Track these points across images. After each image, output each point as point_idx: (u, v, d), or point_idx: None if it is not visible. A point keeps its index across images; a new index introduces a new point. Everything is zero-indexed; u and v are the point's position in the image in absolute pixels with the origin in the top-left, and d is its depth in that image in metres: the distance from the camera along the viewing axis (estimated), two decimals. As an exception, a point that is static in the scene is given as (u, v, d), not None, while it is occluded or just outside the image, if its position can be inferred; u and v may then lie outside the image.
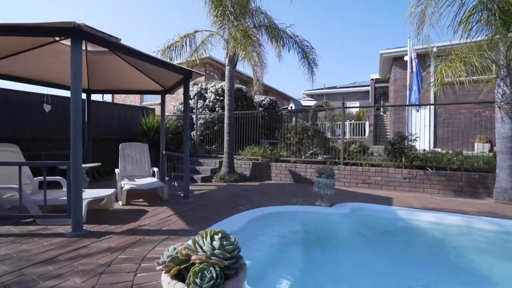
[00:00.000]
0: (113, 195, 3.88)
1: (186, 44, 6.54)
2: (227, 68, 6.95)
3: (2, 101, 5.26)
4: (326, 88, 24.56)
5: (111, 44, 3.22)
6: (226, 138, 7.08)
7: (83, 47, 4.82)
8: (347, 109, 18.24)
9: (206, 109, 9.81)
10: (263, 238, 3.02)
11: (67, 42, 4.17)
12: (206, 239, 1.11)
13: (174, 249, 1.13)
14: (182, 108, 10.28)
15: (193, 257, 1.04)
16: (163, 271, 1.07)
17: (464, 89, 5.78)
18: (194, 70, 4.74)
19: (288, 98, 25.43)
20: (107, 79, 5.95)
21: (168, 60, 6.36)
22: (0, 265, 2.12)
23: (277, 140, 8.13)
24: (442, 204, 4.49)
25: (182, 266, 1.05)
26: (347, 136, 15.15)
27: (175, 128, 9.19)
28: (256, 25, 7.17)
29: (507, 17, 4.40)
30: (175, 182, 5.80)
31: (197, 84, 10.60)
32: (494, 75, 4.91)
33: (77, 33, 2.75)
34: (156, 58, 3.82)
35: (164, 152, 6.18)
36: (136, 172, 5.40)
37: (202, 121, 9.07)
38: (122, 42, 3.34)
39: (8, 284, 1.84)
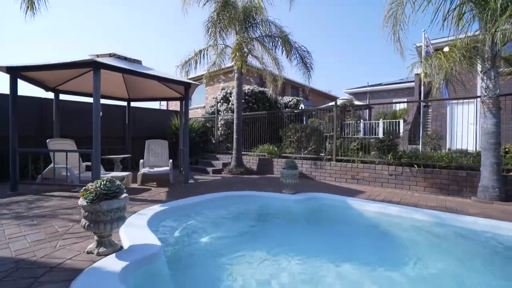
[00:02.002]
0: (129, 176, 5.35)
1: (200, 58, 7.83)
2: (235, 75, 8.00)
3: (67, 110, 7.42)
4: (369, 86, 23.32)
5: (121, 69, 4.59)
6: (235, 136, 8.14)
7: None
8: (382, 107, 17.23)
9: (229, 111, 11.04)
10: (216, 211, 3.94)
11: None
12: (100, 181, 2.15)
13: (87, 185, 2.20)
14: (211, 111, 11.77)
15: (90, 187, 2.10)
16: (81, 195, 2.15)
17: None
18: (193, 82, 5.93)
19: (331, 98, 25.02)
20: (141, 90, 7.68)
21: (184, 73, 7.77)
22: (46, 208, 3.62)
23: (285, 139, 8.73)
24: (409, 199, 4.60)
25: (86, 192, 2.11)
26: (380, 135, 14.48)
27: (203, 127, 10.73)
28: (263, 34, 8.03)
29: (485, 3, 4.23)
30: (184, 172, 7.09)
31: (224, 89, 11.94)
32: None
33: (95, 65, 4.18)
34: (157, 75, 5.10)
35: (181, 147, 7.61)
36: (157, 163, 6.90)
37: (222, 122, 10.32)
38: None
39: (44, 214, 3.27)
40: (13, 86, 4.72)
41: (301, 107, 10.62)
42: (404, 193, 5.12)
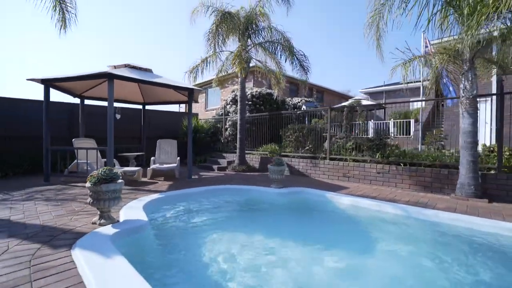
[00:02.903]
0: (140, 171, 6.14)
1: (207, 64, 8.52)
2: (239, 79, 8.60)
3: (90, 113, 8.45)
4: (385, 85, 22.88)
5: (131, 79, 5.37)
6: (238, 136, 8.74)
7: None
8: (398, 106, 17.01)
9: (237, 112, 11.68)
10: (204, 200, 4.55)
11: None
12: (101, 169, 2.84)
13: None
14: (220, 112, 12.50)
15: (94, 174, 2.79)
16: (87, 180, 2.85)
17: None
18: (195, 87, 6.62)
19: (347, 98, 24.85)
20: (154, 94, 8.54)
21: (192, 78, 8.52)
22: (69, 195, 4.45)
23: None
24: (386, 195, 4.89)
25: (91, 177, 2.80)
26: (391, 135, 14.40)
27: (213, 128, 11.49)
28: (265, 40, 8.54)
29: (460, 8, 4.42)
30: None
31: (234, 91, 12.60)
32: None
33: (109, 76, 4.99)
34: (162, 83, 5.84)
35: (191, 146, 8.35)
36: (166, 160, 7.68)
37: (230, 123, 10.99)
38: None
39: (66, 198, 4.08)
40: (46, 94, 5.69)
41: (303, 108, 10.97)
42: (386, 190, 5.39)
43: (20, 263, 1.96)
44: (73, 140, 6.09)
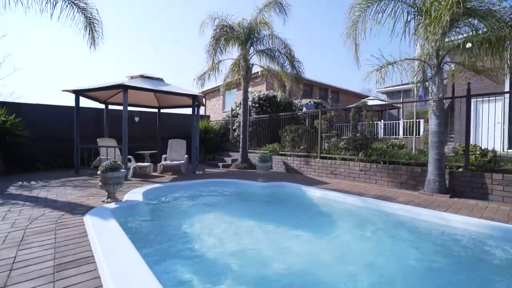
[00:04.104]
0: (151, 166, 7.20)
1: (215, 71, 9.41)
2: (242, 84, 9.40)
3: (113, 117, 9.74)
4: (402, 84, 22.31)
5: (141, 88, 6.40)
6: (241, 136, 9.55)
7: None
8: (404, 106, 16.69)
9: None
10: (196, 190, 5.40)
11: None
12: (108, 161, 3.78)
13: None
14: (230, 114, 13.40)
15: (103, 164, 3.75)
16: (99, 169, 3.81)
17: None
18: (199, 94, 7.54)
19: (363, 97, 24.66)
20: (168, 99, 9.65)
21: (200, 84, 9.49)
22: (91, 183, 5.56)
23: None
24: (359, 189, 5.38)
25: (101, 167, 3.76)
26: (401, 135, 14.39)
27: (223, 129, 12.45)
28: (266, 47, 9.25)
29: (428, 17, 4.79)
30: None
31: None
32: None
33: (124, 87, 6.05)
34: (169, 91, 6.82)
35: (196, 146, 9.33)
36: (176, 157, 8.71)
37: (237, 124, 11.83)
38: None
39: (88, 185, 5.16)
40: (77, 102, 6.95)
41: (304, 110, 11.49)
42: (363, 185, 5.86)
43: (50, 221, 2.93)
44: (97, 139, 7.31)
